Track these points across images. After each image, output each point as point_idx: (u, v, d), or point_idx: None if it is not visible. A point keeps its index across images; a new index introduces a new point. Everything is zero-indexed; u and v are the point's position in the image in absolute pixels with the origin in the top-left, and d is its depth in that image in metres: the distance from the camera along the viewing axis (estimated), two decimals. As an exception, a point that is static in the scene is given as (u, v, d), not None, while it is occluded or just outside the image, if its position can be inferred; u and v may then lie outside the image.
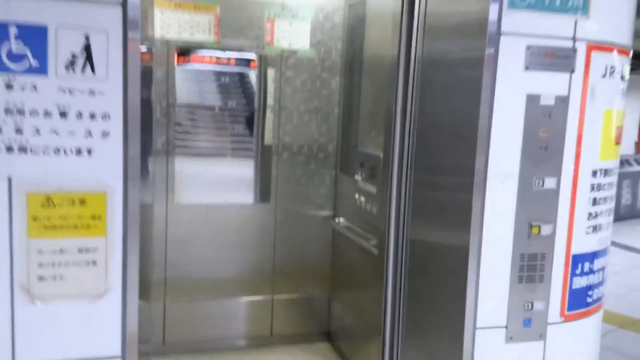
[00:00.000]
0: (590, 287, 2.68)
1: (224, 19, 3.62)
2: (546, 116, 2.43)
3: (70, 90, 1.94)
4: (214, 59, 3.80)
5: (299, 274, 4.06)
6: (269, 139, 3.91)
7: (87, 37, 1.93)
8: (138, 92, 2.00)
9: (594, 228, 2.63)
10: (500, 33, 2.33)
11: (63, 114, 1.94)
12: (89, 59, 1.94)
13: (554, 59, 2.41)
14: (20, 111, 1.91)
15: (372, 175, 3.28)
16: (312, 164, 4.00)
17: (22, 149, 1.93)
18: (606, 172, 2.63)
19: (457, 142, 2.50)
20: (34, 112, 1.92)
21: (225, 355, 3.86)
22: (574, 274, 2.60)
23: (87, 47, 1.93)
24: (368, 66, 3.50)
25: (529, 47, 2.37)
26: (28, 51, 1.88)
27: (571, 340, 2.68)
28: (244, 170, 3.99)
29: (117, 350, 2.11)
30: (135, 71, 1.99)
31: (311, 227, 4.03)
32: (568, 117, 2.46)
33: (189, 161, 3.80)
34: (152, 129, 3.42)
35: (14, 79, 1.88)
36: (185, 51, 3.68)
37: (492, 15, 2.29)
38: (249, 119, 3.92)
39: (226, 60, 3.82)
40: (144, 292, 2.25)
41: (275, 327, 4.04)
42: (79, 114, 1.96)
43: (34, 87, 1.91)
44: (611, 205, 2.73)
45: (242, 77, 3.89)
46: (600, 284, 2.74)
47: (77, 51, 1.93)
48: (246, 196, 3.99)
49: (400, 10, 2.81)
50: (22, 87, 1.90)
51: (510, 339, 2.54)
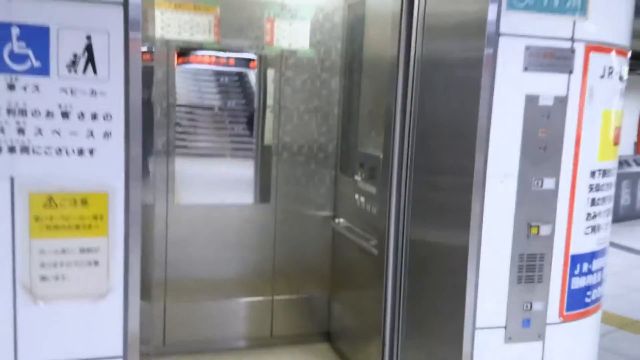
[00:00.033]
0: (588, 288, 2.69)
1: (224, 19, 3.63)
2: (545, 117, 2.44)
3: (72, 91, 1.94)
4: (214, 59, 3.80)
5: (299, 274, 4.06)
6: (268, 139, 3.92)
7: (88, 37, 1.93)
8: (139, 92, 2.01)
9: (593, 228, 2.64)
10: (499, 34, 2.34)
11: (65, 115, 1.95)
12: (90, 59, 1.94)
13: (552, 59, 2.42)
14: (23, 111, 1.91)
15: (371, 176, 3.28)
16: (312, 164, 4.00)
17: (25, 149, 1.93)
18: (605, 173, 2.64)
19: (457, 142, 2.51)
20: (36, 113, 1.92)
21: (225, 356, 3.86)
22: (572, 275, 2.61)
23: (88, 48, 1.93)
24: (367, 66, 3.50)
25: (527, 48, 2.38)
26: (30, 52, 1.89)
27: (570, 340, 2.69)
28: (243, 170, 3.99)
29: (118, 351, 2.11)
30: (136, 71, 1.99)
31: (311, 227, 4.03)
32: (567, 117, 2.47)
33: (189, 161, 3.80)
34: (152, 129, 3.42)
35: (16, 79, 1.88)
36: (185, 51, 3.68)
37: (491, 16, 2.30)
38: (248, 119, 3.93)
39: (226, 60, 3.83)
40: (145, 292, 2.25)
41: (275, 328, 4.04)
42: (81, 115, 1.96)
43: (36, 88, 1.91)
44: (610, 205, 2.74)
45: (242, 77, 3.89)
46: (598, 284, 2.75)
47: (79, 51, 1.93)
48: (246, 196, 3.99)
49: (399, 10, 2.82)
50: (24, 87, 1.90)
51: (509, 339, 2.54)
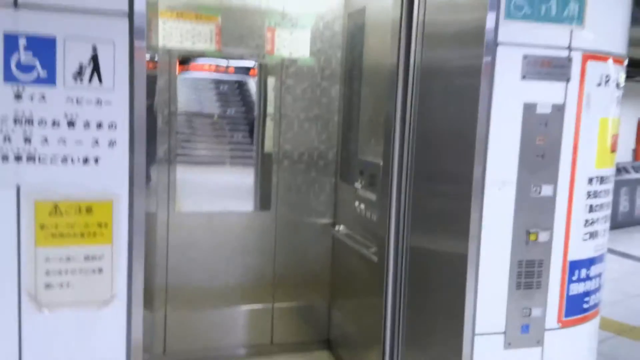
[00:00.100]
0: (587, 294, 2.70)
1: (225, 29, 3.65)
2: (543, 124, 2.46)
3: (78, 100, 1.97)
4: (215, 68, 3.83)
5: (299, 281, 4.06)
6: (269, 146, 3.93)
7: (94, 47, 1.96)
8: (144, 101, 2.03)
9: (591, 235, 2.65)
10: (497, 42, 2.36)
11: (71, 124, 1.97)
12: (96, 69, 1.96)
13: (550, 68, 2.44)
14: (29, 121, 1.93)
15: (371, 183, 3.29)
16: (312, 171, 4.01)
17: (31, 158, 1.95)
18: (602, 180, 2.66)
19: (456, 150, 2.53)
20: (42, 122, 1.94)
21: None
22: (570, 280, 2.62)
23: (94, 58, 1.96)
24: (367, 74, 3.52)
25: (525, 57, 2.40)
26: (37, 62, 1.91)
27: (568, 346, 2.69)
28: (244, 178, 4.00)
29: (121, 358, 2.12)
30: (141, 80, 2.01)
31: (311, 234, 4.03)
32: (564, 125, 2.49)
33: (190, 169, 3.82)
34: (155, 137, 3.44)
35: (23, 89, 1.91)
36: (187, 60, 3.71)
37: (489, 25, 2.32)
38: (249, 127, 3.95)
39: (227, 69, 3.86)
40: (147, 300, 2.26)
41: (276, 335, 4.04)
42: (87, 124, 1.98)
43: (43, 97, 1.93)
44: (607, 212, 2.76)
45: (243, 85, 3.93)
46: (596, 290, 2.77)
47: (85, 61, 1.96)
48: (247, 204, 4.00)
49: (399, 19, 2.84)
50: (31, 97, 1.92)
51: (508, 345, 2.55)
